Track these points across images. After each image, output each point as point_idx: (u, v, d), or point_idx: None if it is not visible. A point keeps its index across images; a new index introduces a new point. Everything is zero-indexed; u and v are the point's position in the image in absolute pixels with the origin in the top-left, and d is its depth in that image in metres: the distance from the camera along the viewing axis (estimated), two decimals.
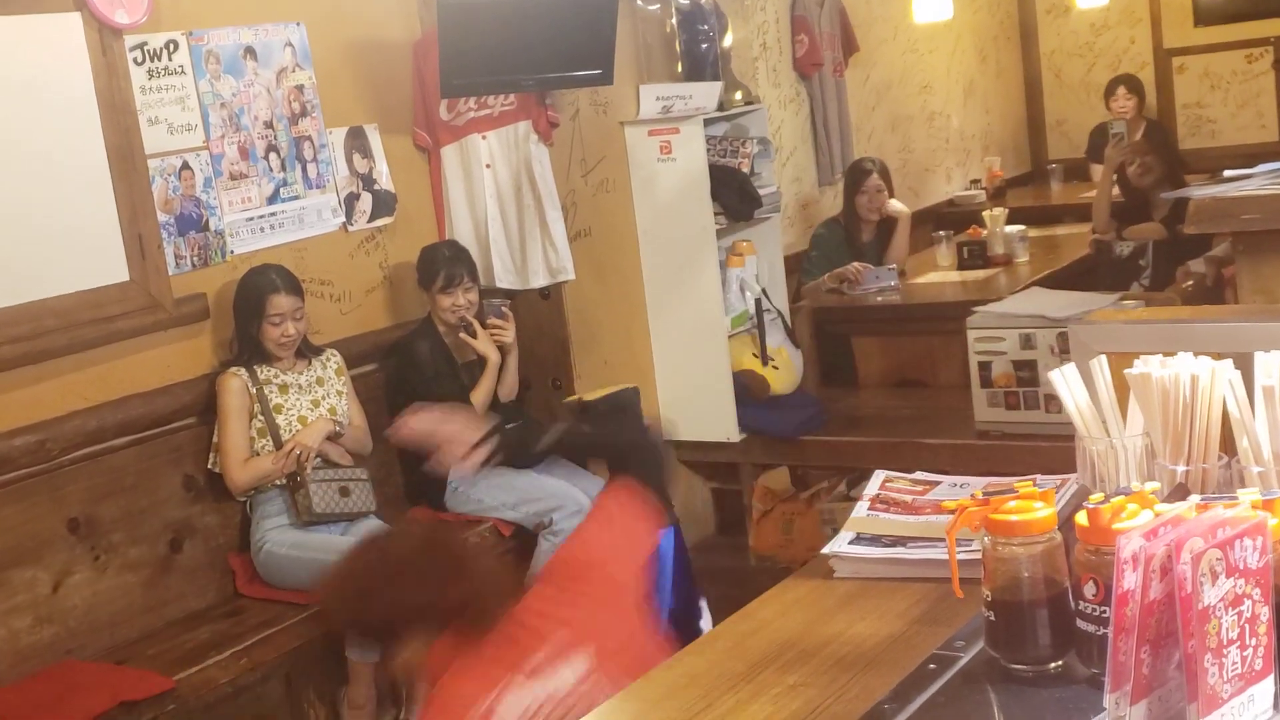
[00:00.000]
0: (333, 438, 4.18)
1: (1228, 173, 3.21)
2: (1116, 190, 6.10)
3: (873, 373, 5.74)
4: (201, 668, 3.69)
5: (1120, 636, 1.24)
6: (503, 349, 4.67)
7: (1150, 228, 5.74)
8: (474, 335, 4.58)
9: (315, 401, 4.20)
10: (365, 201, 4.73)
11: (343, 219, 4.65)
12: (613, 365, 5.21)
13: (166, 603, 4.03)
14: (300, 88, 4.49)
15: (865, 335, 5.78)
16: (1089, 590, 1.36)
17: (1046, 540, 1.42)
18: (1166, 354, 1.61)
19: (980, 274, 5.95)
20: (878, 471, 1.97)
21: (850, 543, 1.78)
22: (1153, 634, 1.25)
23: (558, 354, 5.10)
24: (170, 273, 4.09)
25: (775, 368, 5.34)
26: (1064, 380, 1.63)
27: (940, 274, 6.10)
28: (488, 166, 4.93)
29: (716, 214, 5.15)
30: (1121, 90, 7.73)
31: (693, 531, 5.50)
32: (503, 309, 4.71)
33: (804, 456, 5.28)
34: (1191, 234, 5.60)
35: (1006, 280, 5.78)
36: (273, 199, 4.42)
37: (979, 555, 1.46)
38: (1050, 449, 3.84)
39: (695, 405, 5.29)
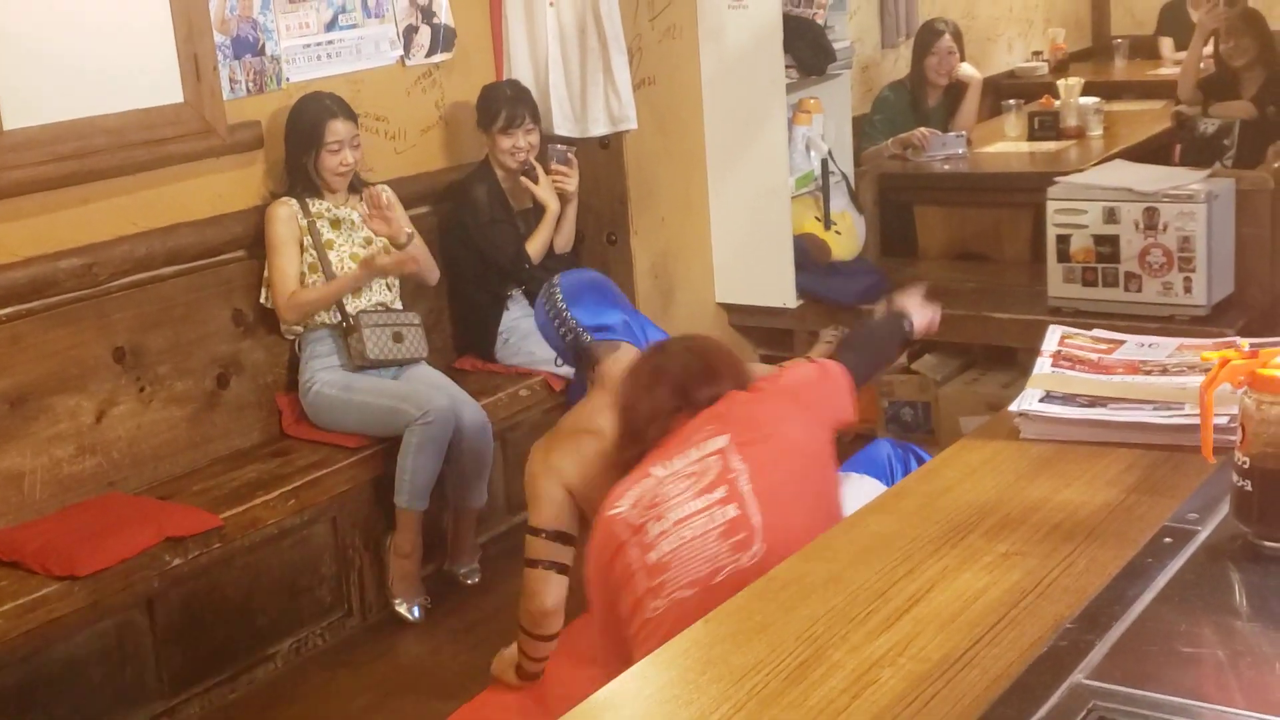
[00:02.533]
0: (403, 242, 4.01)
1: None
2: (1205, 64, 5.84)
3: (934, 244, 5.55)
4: (248, 507, 3.58)
5: None
6: (563, 197, 4.47)
7: (1239, 105, 5.50)
8: (535, 180, 4.38)
9: (368, 239, 4.03)
10: (424, 35, 4.50)
11: (400, 52, 4.42)
12: (670, 223, 5.02)
13: (212, 439, 3.89)
14: None
15: (929, 204, 5.58)
16: None
17: None
18: None
19: (1051, 145, 5.72)
20: (1053, 326, 1.80)
21: (1041, 400, 1.61)
22: None
23: (614, 207, 4.89)
24: (225, 97, 3.88)
25: (838, 233, 5.15)
26: None
27: (1009, 144, 5.87)
28: (551, 5, 4.67)
29: (787, 67, 4.91)
30: None
31: None
32: (568, 155, 4.49)
33: None
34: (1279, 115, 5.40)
35: (1078, 154, 5.55)
36: (330, 26, 4.19)
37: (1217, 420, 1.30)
38: (1128, 328, 3.70)
39: (753, 268, 5.11)
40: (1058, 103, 5.92)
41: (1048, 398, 1.63)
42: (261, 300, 3.94)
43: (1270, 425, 1.24)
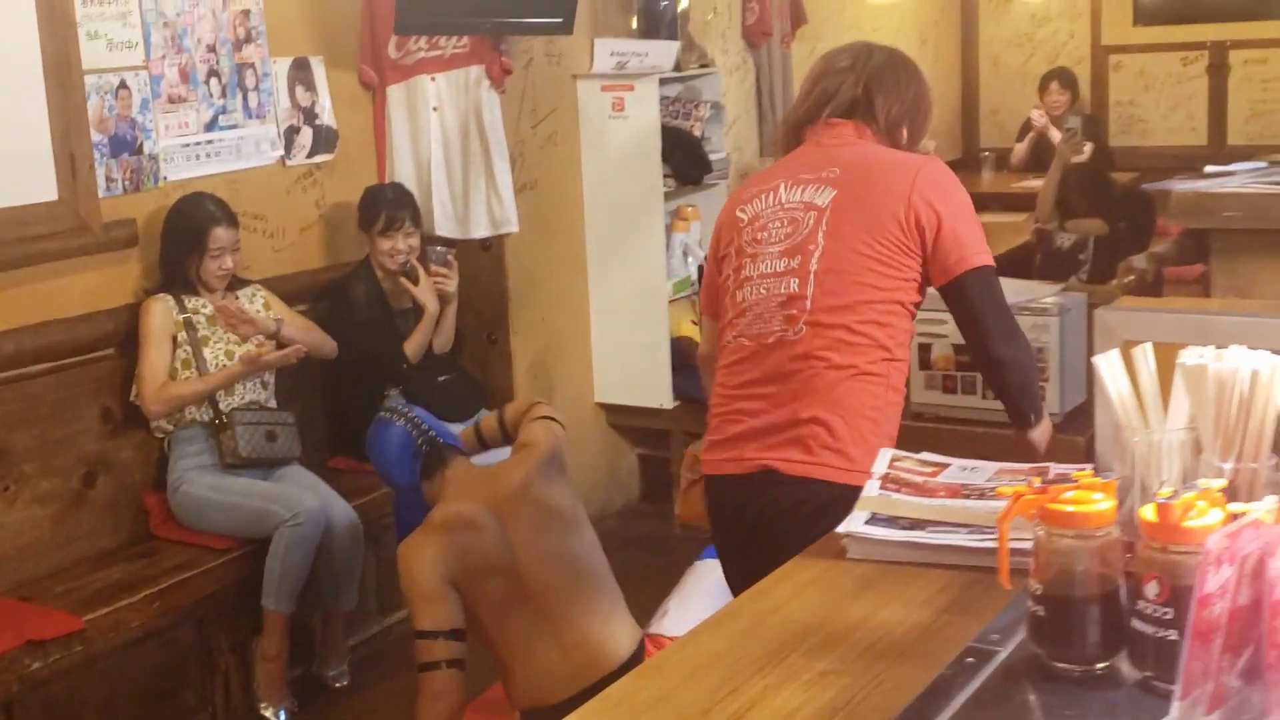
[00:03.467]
0: (274, 330, 4.05)
1: (1209, 168, 3.18)
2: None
3: None
4: (112, 609, 3.55)
5: (1198, 640, 1.17)
6: (443, 298, 4.53)
7: (1092, 223, 5.75)
8: (415, 281, 4.44)
9: (244, 336, 4.04)
10: (305, 136, 4.56)
11: (281, 152, 4.47)
12: (550, 322, 5.10)
13: (77, 539, 3.86)
14: (246, 13, 4.29)
15: None
16: (1151, 590, 1.29)
17: (1104, 535, 1.34)
18: (1192, 344, 1.54)
19: None
20: (883, 449, 1.89)
21: (866, 523, 1.70)
22: (1235, 641, 1.18)
23: (495, 308, 4.97)
24: (100, 195, 3.90)
25: None
26: (1108, 367, 1.55)
27: None
28: (435, 109, 4.77)
29: (666, 176, 5.05)
30: (1055, 85, 7.74)
31: (617, 498, 5.42)
32: (448, 256, 4.56)
33: None
34: (1130, 231, 5.65)
35: None
36: (211, 126, 4.23)
37: (1017, 546, 1.39)
38: (985, 435, 3.78)
39: (631, 369, 5.21)
40: None
41: (873, 519, 1.72)
42: (131, 398, 3.93)
43: (1059, 555, 1.34)
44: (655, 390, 5.14)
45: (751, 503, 2.49)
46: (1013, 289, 4.70)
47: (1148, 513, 1.29)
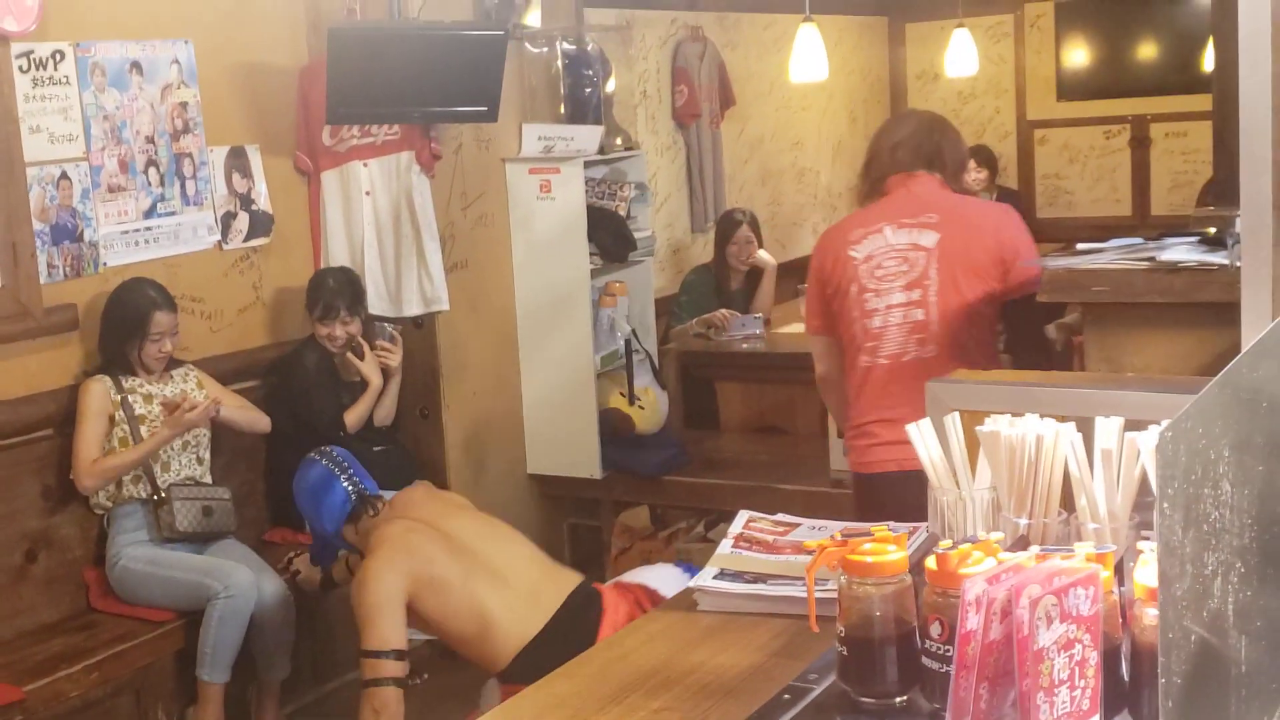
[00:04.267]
0: (213, 415, 4.19)
1: (1080, 245, 3.38)
2: None
3: (734, 417, 5.88)
4: (52, 680, 3.68)
5: (961, 673, 1.35)
6: (387, 373, 4.72)
7: None
8: (361, 357, 4.62)
9: (186, 428, 4.17)
10: (242, 221, 4.74)
11: (218, 237, 4.65)
12: (482, 396, 5.28)
13: (19, 613, 3.98)
14: (184, 105, 4.49)
15: (729, 380, 5.92)
16: (935, 630, 1.47)
17: (898, 582, 1.52)
18: (1015, 414, 1.73)
19: None
20: (742, 511, 2.08)
21: (714, 578, 1.88)
22: (991, 672, 1.36)
23: (428, 383, 5.14)
24: (42, 281, 4.06)
25: (641, 407, 5.44)
26: (919, 434, 1.74)
27: (804, 325, 6.26)
28: (368, 194, 4.97)
29: (592, 254, 5.25)
30: (972, 163, 7.96)
31: None
32: (393, 332, 4.77)
33: (664, 496, 5.39)
34: (1041, 302, 5.87)
35: None
36: (149, 213, 4.41)
37: (835, 594, 1.57)
38: None
39: (561, 440, 5.38)
40: None
41: (721, 574, 1.90)
42: (71, 476, 4.07)
43: (859, 601, 1.52)
44: (586, 461, 5.31)
45: (912, 497, 2.75)
46: None
47: (930, 562, 1.48)
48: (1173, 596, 1.10)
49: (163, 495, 4.09)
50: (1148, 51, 8.78)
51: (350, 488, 3.49)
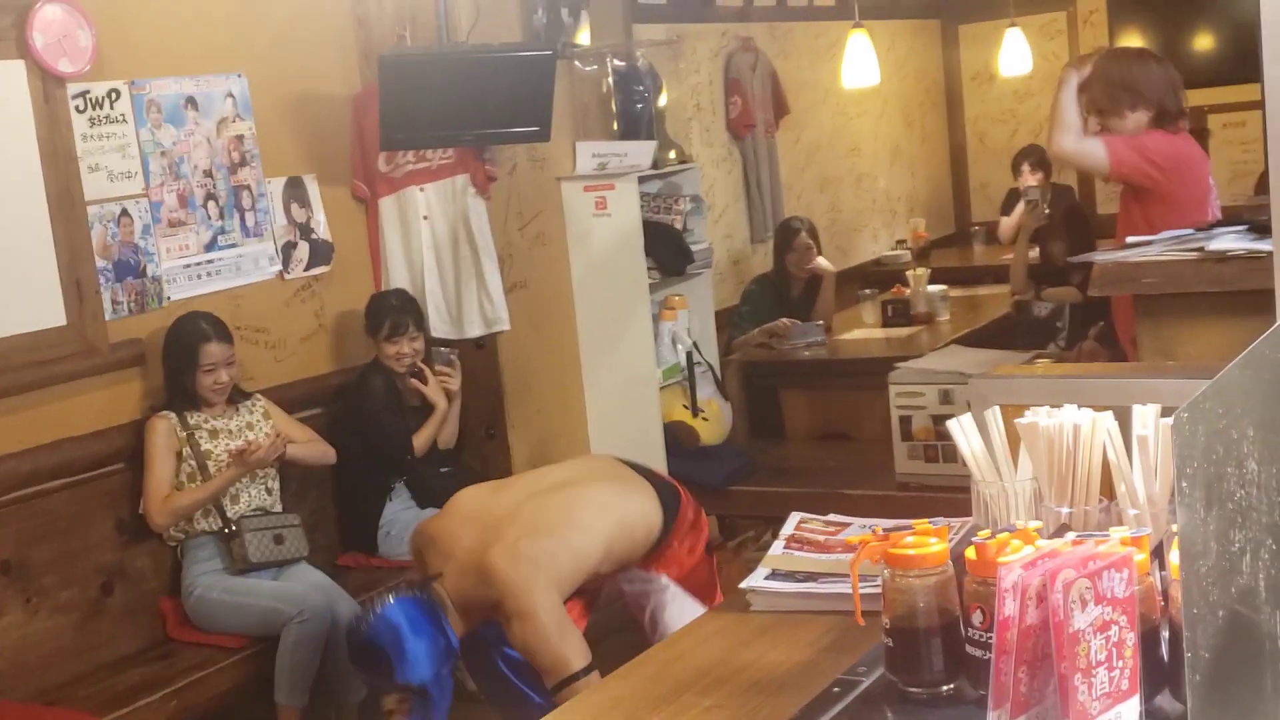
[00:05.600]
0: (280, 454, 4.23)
1: (1130, 239, 3.37)
2: (1035, 253, 6.31)
3: (799, 425, 5.88)
4: (131, 709, 3.73)
5: (1001, 658, 1.36)
6: (448, 396, 4.78)
7: (1066, 291, 5.94)
8: (424, 381, 4.68)
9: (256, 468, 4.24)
10: (302, 250, 4.82)
11: (279, 267, 4.73)
12: (546, 415, 5.31)
13: (97, 645, 4.05)
14: (240, 137, 4.58)
15: (792, 388, 5.92)
16: (976, 618, 1.48)
17: (940, 573, 1.53)
18: (1054, 406, 1.74)
19: (903, 331, 6.12)
20: (794, 513, 2.09)
21: (766, 578, 1.90)
22: (1030, 656, 1.36)
23: (492, 403, 5.19)
24: (107, 318, 4.15)
25: (705, 419, 5.46)
26: (960, 429, 1.75)
27: (865, 330, 6.27)
28: (425, 218, 5.04)
29: (650, 269, 5.29)
30: (1026, 167, 7.87)
31: None
32: (451, 357, 4.82)
33: (731, 506, 5.40)
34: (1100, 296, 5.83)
35: (928, 337, 5.95)
36: (210, 246, 4.49)
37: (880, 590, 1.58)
38: (967, 500, 4.00)
39: (626, 454, 5.37)
40: (908, 291, 6.34)
41: (773, 575, 1.91)
42: (140, 511, 4.14)
43: (902, 593, 1.53)
44: None
45: None
46: (983, 359, 4.92)
47: (970, 552, 1.49)
48: (1196, 573, 1.11)
49: (233, 528, 4.15)
50: (1203, 42, 8.68)
51: (429, 624, 3.19)
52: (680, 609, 3.33)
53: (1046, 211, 6.34)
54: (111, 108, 4.17)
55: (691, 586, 3.43)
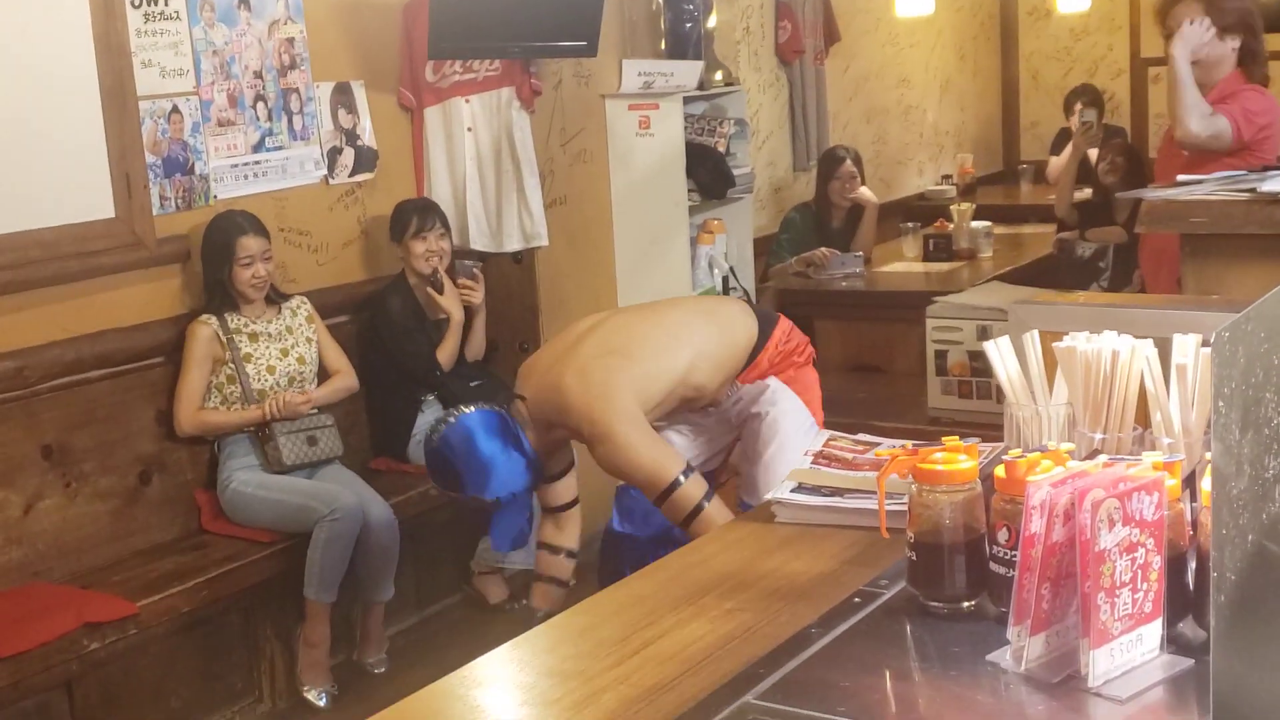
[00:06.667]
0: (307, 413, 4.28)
1: (1181, 177, 3.35)
2: (1088, 193, 6.27)
3: (832, 356, 5.88)
4: (164, 596, 3.80)
5: (1024, 575, 1.38)
6: (470, 309, 4.79)
7: (1112, 231, 5.90)
8: (440, 291, 4.70)
9: (284, 350, 4.29)
10: (347, 156, 4.83)
11: (324, 172, 4.75)
12: None
13: (133, 533, 4.13)
14: (291, 40, 4.58)
15: (827, 319, 5.91)
16: (1002, 536, 1.50)
17: (967, 490, 1.55)
18: (1093, 333, 1.74)
19: (944, 266, 6.10)
20: (823, 430, 2.11)
21: (792, 491, 1.92)
22: (1054, 574, 1.38)
23: (526, 318, 5.22)
24: (154, 213, 4.18)
25: None
26: (997, 350, 1.76)
27: (905, 264, 6.25)
28: (469, 130, 5.04)
29: (690, 191, 5.28)
30: (1079, 105, 7.76)
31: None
32: (474, 270, 4.83)
33: None
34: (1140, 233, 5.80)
35: (969, 274, 5.93)
36: (258, 147, 4.51)
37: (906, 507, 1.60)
38: (999, 436, 4.06)
39: None
40: (951, 226, 6.31)
41: (799, 488, 1.94)
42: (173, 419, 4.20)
43: (928, 509, 1.55)
44: None
45: None
46: (1025, 296, 4.89)
47: (999, 470, 1.50)
48: (1228, 495, 1.12)
49: (268, 431, 4.20)
50: None
51: (502, 438, 3.16)
52: (793, 410, 3.31)
53: (1100, 136, 6.27)
54: (166, 4, 4.17)
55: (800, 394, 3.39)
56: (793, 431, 3.32)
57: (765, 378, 3.42)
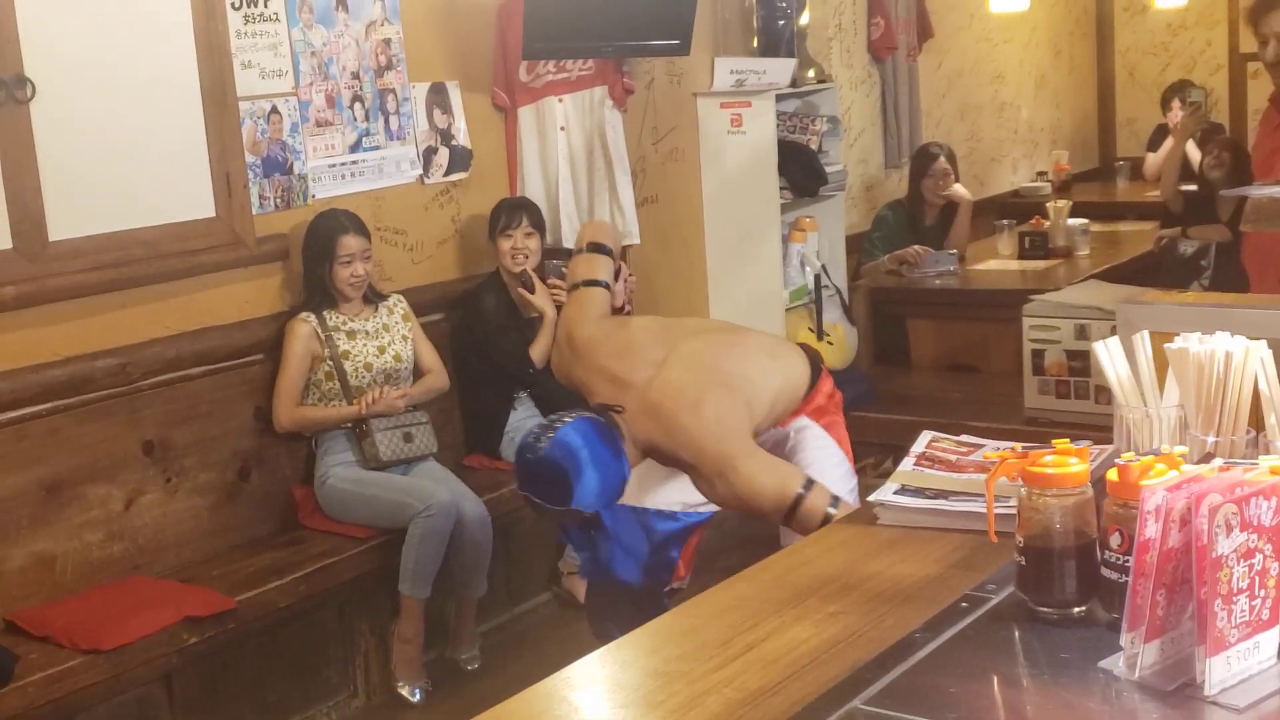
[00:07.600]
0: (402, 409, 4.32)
1: None
2: (1193, 186, 6.16)
3: (926, 355, 5.83)
4: (261, 591, 3.85)
5: (1139, 581, 1.35)
6: (559, 307, 4.80)
7: (1215, 229, 5.79)
8: (532, 290, 4.71)
9: (381, 348, 4.33)
10: (442, 156, 4.87)
11: (420, 171, 4.79)
12: None
13: (231, 528, 4.19)
14: (387, 41, 4.62)
15: (921, 317, 5.86)
16: (1115, 541, 1.47)
17: (1078, 493, 1.53)
18: (1206, 334, 1.71)
19: (1040, 264, 6.02)
20: (925, 431, 2.09)
21: (895, 493, 1.90)
22: (1169, 580, 1.35)
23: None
24: (254, 212, 4.24)
25: (830, 343, 5.44)
26: (1107, 352, 1.73)
27: (1000, 262, 6.17)
28: (562, 129, 5.06)
29: (782, 189, 5.25)
30: (1177, 101, 7.62)
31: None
32: (563, 269, 4.83)
33: (852, 431, 5.27)
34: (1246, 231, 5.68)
35: (1066, 272, 5.84)
36: (355, 148, 4.56)
37: (1015, 510, 1.58)
38: (1097, 438, 4.00)
39: None
40: (1047, 223, 6.22)
41: (902, 490, 1.91)
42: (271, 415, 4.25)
43: (1038, 512, 1.52)
44: None
45: None
46: (1124, 295, 4.80)
47: (1112, 474, 1.48)
48: None
49: (365, 428, 4.24)
50: None
51: (611, 446, 2.93)
52: (820, 445, 3.23)
53: (1207, 118, 6.14)
54: (265, 6, 4.23)
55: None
56: (825, 451, 3.28)
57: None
